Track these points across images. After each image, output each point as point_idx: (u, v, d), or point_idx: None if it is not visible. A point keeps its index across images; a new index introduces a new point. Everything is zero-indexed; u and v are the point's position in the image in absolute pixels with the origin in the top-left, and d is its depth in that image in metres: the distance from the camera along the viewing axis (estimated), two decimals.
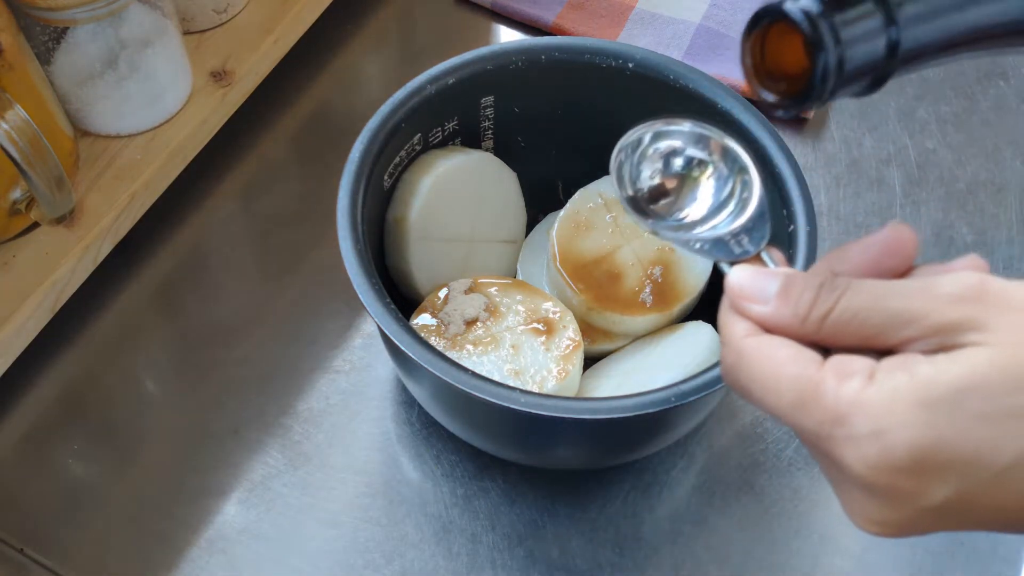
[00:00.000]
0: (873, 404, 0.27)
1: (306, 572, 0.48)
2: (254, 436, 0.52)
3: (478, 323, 0.47)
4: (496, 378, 0.42)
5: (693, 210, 0.36)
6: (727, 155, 0.37)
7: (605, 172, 0.52)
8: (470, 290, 0.49)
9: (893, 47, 0.30)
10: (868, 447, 0.27)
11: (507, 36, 0.70)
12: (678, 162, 0.37)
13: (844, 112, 0.66)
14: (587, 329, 0.49)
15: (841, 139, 0.65)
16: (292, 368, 0.55)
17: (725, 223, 0.35)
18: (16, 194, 0.51)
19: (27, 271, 0.52)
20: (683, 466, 0.52)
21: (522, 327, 0.47)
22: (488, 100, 0.51)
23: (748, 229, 0.35)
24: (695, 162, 0.37)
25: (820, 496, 0.51)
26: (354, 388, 0.54)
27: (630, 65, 0.49)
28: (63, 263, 0.53)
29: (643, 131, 0.37)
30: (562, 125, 0.54)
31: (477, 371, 0.41)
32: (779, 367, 0.29)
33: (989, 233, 0.61)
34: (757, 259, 0.34)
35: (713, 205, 0.36)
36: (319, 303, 0.57)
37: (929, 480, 0.27)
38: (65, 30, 0.52)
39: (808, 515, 0.50)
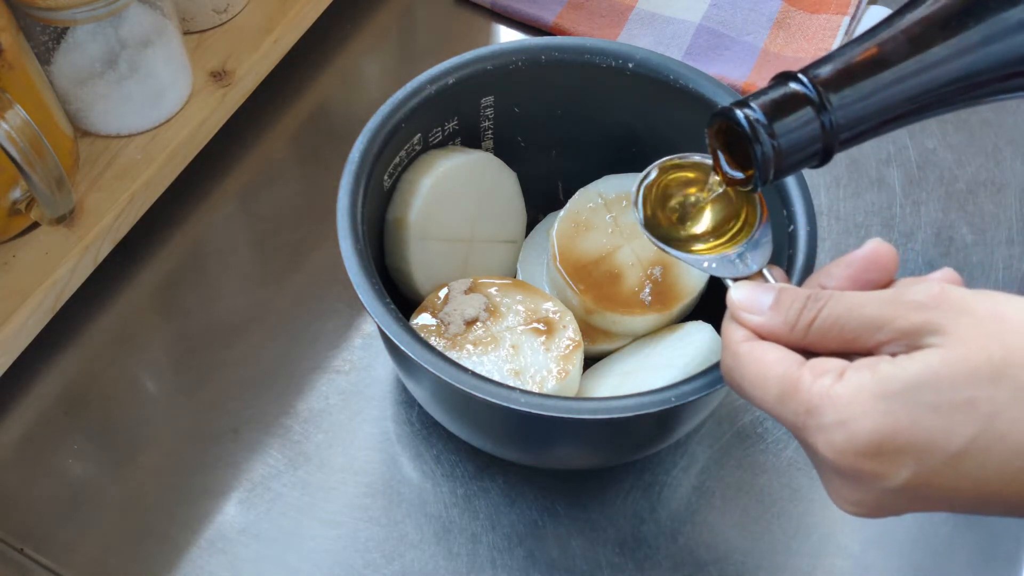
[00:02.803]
0: (840, 397, 0.31)
1: (306, 572, 0.48)
2: (254, 436, 0.52)
3: (478, 323, 0.47)
4: (496, 378, 0.42)
5: (704, 233, 0.40)
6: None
7: (605, 172, 0.53)
8: (470, 290, 0.49)
9: (830, 130, 0.35)
10: (835, 434, 0.31)
11: (507, 36, 0.70)
12: (692, 191, 0.41)
13: None
14: (587, 329, 0.49)
15: None
16: (292, 368, 0.55)
17: (732, 244, 0.39)
18: (16, 194, 0.51)
19: (27, 271, 0.52)
20: (683, 466, 0.52)
21: (522, 327, 0.47)
22: (488, 100, 0.51)
23: (752, 250, 0.39)
24: (707, 191, 0.41)
25: (820, 496, 0.51)
26: (354, 388, 0.54)
27: (630, 65, 0.49)
28: (63, 263, 0.53)
29: (661, 165, 0.41)
30: (562, 125, 0.54)
31: (477, 371, 0.41)
32: (767, 367, 0.33)
33: (989, 233, 0.61)
34: (759, 275, 0.38)
35: (722, 228, 0.40)
36: (319, 303, 0.57)
37: (890, 463, 0.31)
38: (65, 30, 0.52)
39: (808, 515, 0.50)
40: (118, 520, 0.50)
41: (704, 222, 0.41)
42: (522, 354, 0.46)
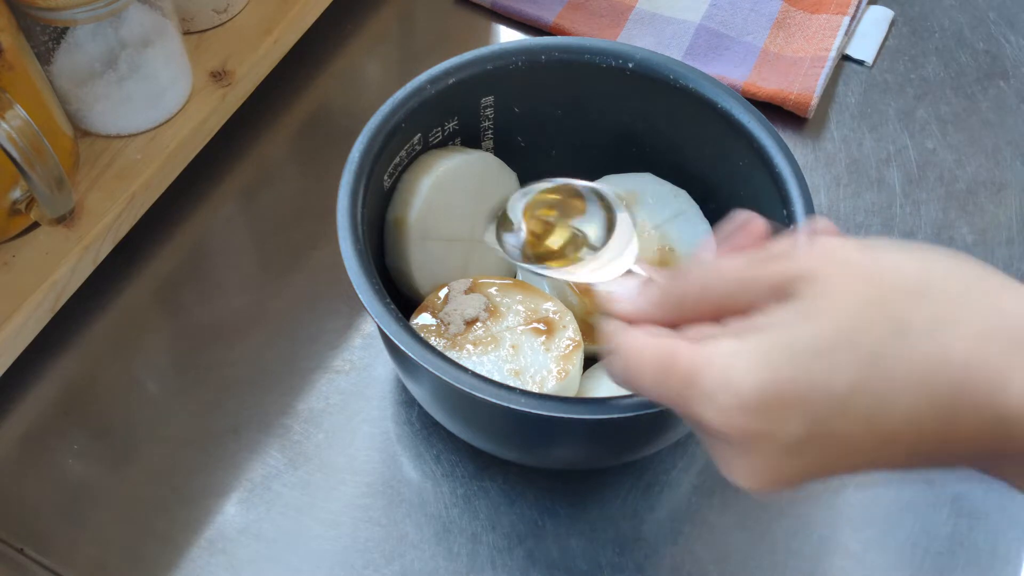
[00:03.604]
0: (717, 358, 0.30)
1: (306, 572, 0.48)
2: (254, 436, 0.52)
3: (478, 323, 0.47)
4: (496, 378, 0.42)
5: (568, 245, 0.41)
6: (593, 196, 0.41)
7: (605, 172, 0.53)
8: (470, 290, 0.49)
9: None
10: (719, 397, 0.29)
11: (507, 36, 0.70)
12: (553, 213, 0.41)
13: (844, 112, 0.66)
14: (587, 329, 0.49)
15: (841, 139, 0.65)
16: (292, 368, 0.55)
17: (600, 252, 0.39)
18: (16, 194, 0.51)
19: (27, 271, 0.52)
20: (683, 466, 0.52)
21: (522, 327, 0.47)
22: (488, 100, 0.51)
23: (617, 253, 0.39)
24: (568, 209, 0.41)
25: (820, 496, 0.51)
26: (354, 388, 0.54)
27: (630, 65, 0.49)
28: (63, 263, 0.53)
29: (517, 196, 0.41)
30: (562, 125, 0.54)
31: (477, 371, 0.41)
32: (640, 351, 0.32)
33: (989, 233, 0.61)
34: (629, 275, 0.38)
35: (592, 240, 0.40)
36: (319, 303, 0.57)
37: (778, 416, 0.29)
38: (65, 30, 0.52)
39: (808, 515, 0.50)
40: (118, 520, 0.50)
41: (564, 236, 0.41)
42: (522, 354, 0.46)
